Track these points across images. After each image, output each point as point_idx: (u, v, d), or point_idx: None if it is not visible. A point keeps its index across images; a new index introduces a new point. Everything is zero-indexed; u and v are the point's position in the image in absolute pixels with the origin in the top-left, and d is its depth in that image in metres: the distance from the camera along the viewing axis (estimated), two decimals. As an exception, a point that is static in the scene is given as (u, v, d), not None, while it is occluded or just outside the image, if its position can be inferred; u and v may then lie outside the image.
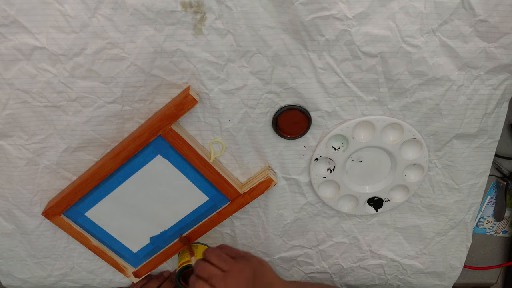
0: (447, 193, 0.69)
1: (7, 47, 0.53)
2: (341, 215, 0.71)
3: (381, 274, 0.79)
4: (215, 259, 0.58)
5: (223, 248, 0.63)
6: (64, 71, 0.55)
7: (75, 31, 0.52)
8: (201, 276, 0.57)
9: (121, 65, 0.55)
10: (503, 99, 0.61)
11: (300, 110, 0.60)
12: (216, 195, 0.65)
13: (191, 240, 0.70)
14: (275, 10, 0.53)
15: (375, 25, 0.54)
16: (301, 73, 0.57)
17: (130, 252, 0.72)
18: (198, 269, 0.58)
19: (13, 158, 0.61)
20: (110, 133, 0.61)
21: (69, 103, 0.57)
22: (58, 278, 0.75)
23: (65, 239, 0.70)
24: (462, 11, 0.53)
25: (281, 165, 0.65)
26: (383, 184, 0.67)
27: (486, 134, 0.64)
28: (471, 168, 0.67)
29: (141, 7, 0.52)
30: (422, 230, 0.73)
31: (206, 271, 0.57)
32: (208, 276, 0.57)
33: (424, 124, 0.62)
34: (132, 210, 0.67)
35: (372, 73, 0.58)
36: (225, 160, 0.65)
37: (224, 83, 0.58)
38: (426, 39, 0.55)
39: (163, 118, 0.57)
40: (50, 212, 0.65)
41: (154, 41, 0.54)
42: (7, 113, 0.58)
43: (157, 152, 0.61)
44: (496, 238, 0.89)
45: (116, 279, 0.76)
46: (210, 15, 0.53)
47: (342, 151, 0.64)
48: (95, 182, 0.62)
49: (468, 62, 0.57)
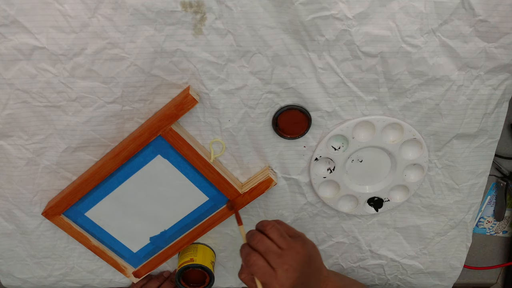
0: (447, 193, 0.69)
1: (7, 47, 0.53)
2: (341, 215, 0.71)
3: (381, 274, 0.79)
4: (274, 235, 0.55)
5: (281, 224, 0.59)
6: (64, 71, 0.55)
7: (75, 31, 0.52)
8: (257, 249, 0.54)
9: (121, 65, 0.55)
10: (503, 99, 0.61)
11: (300, 110, 0.60)
12: (216, 195, 0.65)
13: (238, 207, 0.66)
14: (275, 10, 0.53)
15: (375, 25, 0.54)
16: (301, 73, 0.57)
17: (130, 252, 0.72)
18: (256, 240, 0.55)
19: (13, 158, 0.61)
20: (110, 133, 0.61)
21: (69, 103, 0.57)
22: (58, 278, 0.75)
23: (65, 239, 0.70)
24: (462, 11, 0.53)
25: (281, 165, 0.65)
26: (383, 184, 0.67)
27: (486, 134, 0.64)
28: (471, 168, 0.67)
29: (141, 7, 0.52)
30: (422, 230, 0.73)
31: (263, 245, 0.54)
32: (265, 250, 0.53)
33: (424, 124, 0.62)
34: (132, 210, 0.67)
35: (372, 73, 0.58)
36: (225, 160, 0.65)
37: (224, 83, 0.58)
38: (426, 39, 0.55)
39: (163, 118, 0.57)
40: (50, 212, 0.65)
41: (154, 41, 0.54)
42: (7, 113, 0.58)
43: (157, 152, 0.61)
44: (496, 238, 0.89)
45: (116, 279, 0.76)
46: (210, 15, 0.53)
47: (342, 151, 0.64)
48: (95, 182, 0.62)
49: (468, 62, 0.57)
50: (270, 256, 0.53)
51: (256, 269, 0.53)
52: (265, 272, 0.52)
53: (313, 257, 0.56)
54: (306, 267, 0.54)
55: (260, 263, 0.53)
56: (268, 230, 0.56)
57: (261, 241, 0.54)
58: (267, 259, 0.53)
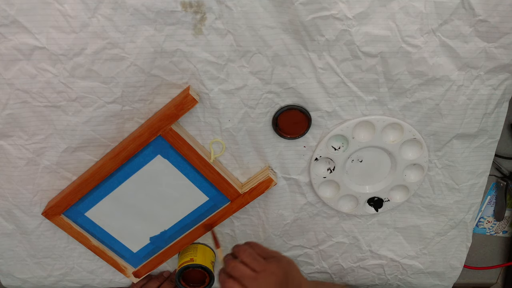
0: (447, 193, 0.69)
1: (7, 47, 0.53)
2: (341, 215, 0.71)
3: (381, 274, 0.79)
4: (247, 259, 0.57)
5: (253, 246, 0.61)
6: (64, 71, 0.55)
7: (75, 31, 0.52)
8: (232, 275, 0.56)
9: (121, 65, 0.55)
10: (503, 99, 0.61)
11: (300, 110, 0.60)
12: (216, 195, 0.66)
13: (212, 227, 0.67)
14: (275, 10, 0.53)
15: (375, 25, 0.54)
16: (301, 73, 0.57)
17: (130, 252, 0.72)
18: (230, 267, 0.57)
19: (13, 158, 0.61)
20: (110, 133, 0.61)
21: (69, 103, 0.57)
22: (58, 278, 0.75)
23: (65, 239, 0.70)
24: (462, 11, 0.53)
25: (281, 165, 0.65)
26: (383, 184, 0.67)
27: (486, 134, 0.64)
28: (471, 168, 0.67)
29: (141, 7, 0.52)
30: (422, 230, 0.73)
31: (238, 270, 0.56)
32: (240, 276, 0.56)
33: (424, 124, 0.62)
34: (132, 210, 0.67)
35: (372, 73, 0.58)
36: (225, 160, 0.65)
37: (224, 83, 0.58)
38: (426, 39, 0.55)
39: (163, 118, 0.57)
40: (50, 212, 0.65)
41: (154, 41, 0.54)
42: (7, 113, 0.58)
43: (157, 152, 0.61)
44: (496, 238, 0.89)
45: (116, 279, 0.76)
46: (210, 15, 0.53)
47: (342, 151, 0.64)
48: (95, 182, 0.62)
49: (468, 62, 0.57)
50: (246, 281, 0.55)
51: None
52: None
53: (290, 273, 0.58)
54: (284, 285, 0.56)
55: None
56: (242, 255, 0.58)
57: (235, 267, 0.57)
58: (243, 284, 0.55)
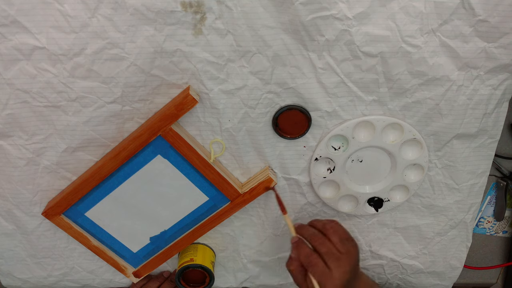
0: (447, 193, 0.69)
1: (7, 47, 0.53)
2: (341, 215, 0.71)
3: (381, 273, 0.79)
4: (335, 238, 0.60)
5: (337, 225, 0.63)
6: (64, 71, 0.55)
7: (75, 31, 0.52)
8: (318, 250, 0.59)
9: (121, 65, 0.55)
10: (503, 99, 0.61)
11: (300, 110, 0.60)
12: (216, 195, 0.66)
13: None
14: (275, 10, 0.53)
15: (375, 25, 0.54)
16: (301, 73, 0.57)
17: (130, 252, 0.72)
18: (318, 242, 0.60)
19: (13, 158, 0.61)
20: (110, 133, 0.61)
21: (69, 103, 0.57)
22: (58, 278, 0.75)
23: (65, 239, 0.70)
24: (462, 11, 0.53)
25: (281, 165, 0.65)
26: (383, 184, 0.67)
27: (486, 134, 0.64)
28: (471, 168, 0.67)
29: (141, 7, 0.52)
30: (422, 230, 0.73)
31: (325, 247, 0.59)
32: (326, 252, 0.58)
33: (424, 124, 0.62)
34: (132, 210, 0.67)
35: (372, 73, 0.58)
36: (225, 160, 0.65)
37: (224, 83, 0.58)
38: (426, 39, 0.55)
39: (163, 118, 0.57)
40: (50, 212, 0.65)
41: (154, 41, 0.54)
42: (7, 113, 0.58)
43: (157, 152, 0.61)
44: (496, 238, 0.89)
45: (116, 279, 0.76)
46: (210, 15, 0.53)
47: (342, 151, 0.64)
48: (95, 182, 0.62)
49: (468, 62, 0.57)
50: (330, 259, 0.58)
51: (315, 270, 0.57)
52: (323, 273, 0.57)
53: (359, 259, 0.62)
54: (355, 268, 0.60)
55: (320, 265, 0.57)
56: (330, 233, 0.60)
57: (323, 244, 0.59)
58: (325, 259, 0.58)
